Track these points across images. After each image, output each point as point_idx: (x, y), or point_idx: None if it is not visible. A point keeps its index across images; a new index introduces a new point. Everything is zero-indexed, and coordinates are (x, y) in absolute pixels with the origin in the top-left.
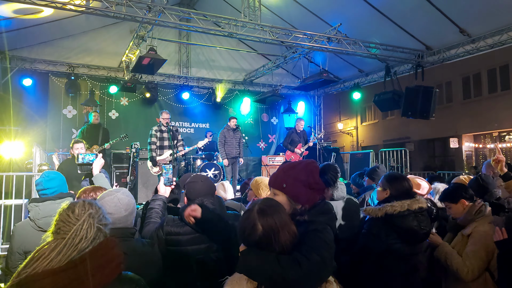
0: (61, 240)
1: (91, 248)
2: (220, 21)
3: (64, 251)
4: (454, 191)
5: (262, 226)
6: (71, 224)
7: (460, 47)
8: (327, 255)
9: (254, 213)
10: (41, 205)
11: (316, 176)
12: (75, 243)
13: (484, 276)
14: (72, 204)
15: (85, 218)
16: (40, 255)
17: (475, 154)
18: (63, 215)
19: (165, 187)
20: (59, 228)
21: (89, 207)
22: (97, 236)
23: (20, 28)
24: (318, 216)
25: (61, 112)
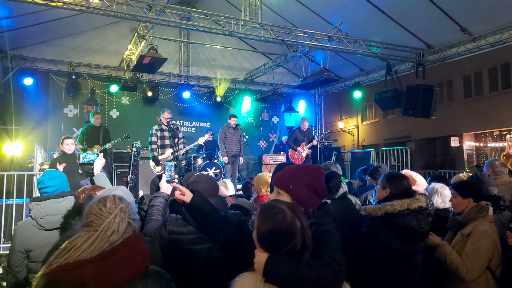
0: (94, 232)
1: (121, 241)
2: (220, 20)
3: (96, 243)
4: (469, 186)
5: (301, 224)
6: (103, 217)
7: (461, 45)
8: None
9: (290, 212)
10: (43, 203)
11: (322, 182)
12: (107, 235)
13: (485, 275)
14: (103, 199)
15: (117, 212)
16: (72, 246)
17: (476, 153)
18: (95, 209)
19: (167, 184)
20: (91, 221)
21: (119, 201)
22: (127, 230)
23: (21, 27)
24: (323, 218)
25: (62, 111)
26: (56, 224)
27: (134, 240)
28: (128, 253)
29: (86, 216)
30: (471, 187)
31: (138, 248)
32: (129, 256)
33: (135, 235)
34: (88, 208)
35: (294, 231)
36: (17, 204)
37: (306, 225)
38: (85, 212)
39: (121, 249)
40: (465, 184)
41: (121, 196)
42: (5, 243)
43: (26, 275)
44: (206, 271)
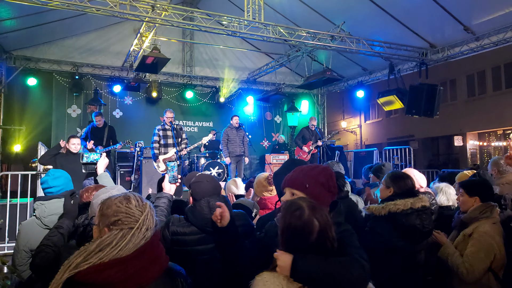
0: (129, 229)
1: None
2: (223, 20)
3: (133, 240)
4: (476, 186)
5: (319, 222)
6: (135, 215)
7: (464, 44)
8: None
9: (307, 211)
10: (47, 203)
11: (334, 180)
12: (143, 231)
13: (487, 276)
14: (125, 197)
15: (148, 209)
16: (106, 245)
17: (480, 152)
18: (122, 207)
19: (170, 185)
20: (119, 220)
21: (141, 199)
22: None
23: (25, 28)
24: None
25: (66, 111)
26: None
27: (158, 236)
28: (157, 249)
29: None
30: (479, 186)
31: (161, 245)
32: (159, 252)
33: (158, 231)
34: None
35: (311, 229)
36: (21, 203)
37: (326, 225)
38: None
39: (151, 246)
40: (472, 183)
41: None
42: (9, 242)
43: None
44: (210, 272)
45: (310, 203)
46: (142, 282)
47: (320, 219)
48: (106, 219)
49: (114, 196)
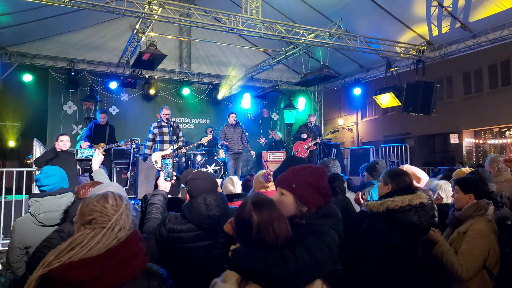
0: (100, 229)
1: (125, 238)
2: (220, 16)
3: (103, 240)
4: (470, 182)
5: (257, 217)
6: (109, 214)
7: (461, 42)
8: (321, 257)
9: (249, 206)
10: (42, 200)
11: (325, 181)
12: (115, 232)
13: (482, 274)
14: (103, 196)
15: (123, 209)
16: (76, 244)
17: (476, 149)
18: (97, 206)
19: (165, 182)
20: (94, 219)
21: (120, 198)
22: (130, 227)
23: (20, 24)
24: (321, 219)
25: (61, 108)
26: (55, 221)
27: (135, 237)
28: (132, 249)
29: (87, 214)
30: (473, 183)
31: (139, 246)
32: (134, 253)
33: (136, 232)
34: (87, 206)
35: (249, 223)
36: (16, 200)
37: (267, 221)
38: (83, 210)
39: (126, 246)
40: (467, 180)
41: (120, 194)
42: (4, 239)
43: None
44: (207, 269)
45: (258, 200)
46: (112, 282)
47: (259, 215)
48: (83, 217)
49: (94, 195)
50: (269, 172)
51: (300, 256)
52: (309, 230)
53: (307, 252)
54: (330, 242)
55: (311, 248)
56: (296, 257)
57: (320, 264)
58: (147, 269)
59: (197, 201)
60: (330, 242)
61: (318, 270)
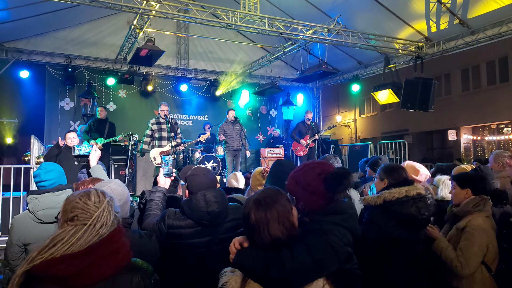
0: (82, 226)
1: (107, 234)
2: (218, 12)
3: (85, 236)
4: (467, 178)
5: (254, 216)
6: (90, 211)
7: (459, 38)
8: (322, 256)
9: (250, 203)
10: (40, 197)
11: (308, 177)
12: (97, 228)
13: (480, 269)
14: (85, 193)
15: (105, 206)
16: (58, 241)
17: (473, 146)
18: (79, 203)
19: (165, 179)
20: (76, 216)
21: (103, 195)
22: (113, 223)
23: (17, 20)
24: (327, 216)
25: (59, 104)
26: (54, 218)
27: (118, 232)
28: (114, 245)
29: (69, 211)
30: (470, 178)
31: (122, 241)
32: (116, 249)
33: (119, 228)
34: (69, 203)
35: (248, 220)
36: (14, 197)
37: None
38: (66, 207)
39: (108, 242)
40: (464, 175)
41: (102, 190)
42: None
43: None
44: (206, 265)
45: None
46: (92, 278)
47: (256, 214)
48: (65, 214)
49: (77, 192)
50: (266, 169)
51: (298, 256)
52: (312, 228)
53: (306, 252)
54: (334, 240)
55: (311, 247)
56: (293, 258)
57: (320, 264)
58: (131, 264)
59: (196, 197)
60: (334, 241)
61: (318, 270)
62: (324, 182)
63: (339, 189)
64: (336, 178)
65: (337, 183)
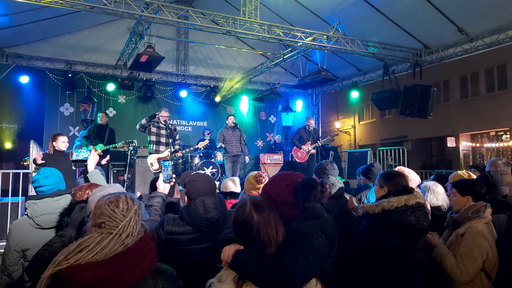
0: (108, 234)
1: (133, 243)
2: (218, 19)
3: (110, 245)
4: (468, 185)
5: (258, 218)
6: (117, 220)
7: (458, 46)
8: (312, 258)
9: (249, 206)
10: (39, 202)
11: (277, 188)
12: (122, 238)
13: (480, 276)
14: (115, 199)
15: (132, 215)
16: (84, 247)
17: (472, 153)
18: (107, 210)
19: (164, 184)
20: (103, 223)
21: (131, 203)
22: (140, 232)
23: (17, 25)
24: (305, 221)
25: (58, 110)
26: (53, 223)
27: (145, 239)
28: (140, 253)
29: (97, 217)
30: (470, 186)
31: (149, 247)
32: (141, 256)
33: (146, 235)
34: (99, 209)
35: (251, 224)
36: (13, 202)
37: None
38: (95, 212)
39: (134, 250)
40: (464, 182)
41: (132, 196)
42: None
43: (22, 274)
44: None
45: (258, 201)
46: (118, 284)
47: (260, 216)
48: (94, 219)
49: (106, 196)
50: (261, 173)
51: (297, 260)
52: (295, 233)
53: (302, 256)
54: (317, 244)
55: (304, 251)
56: (293, 261)
57: (313, 266)
58: (156, 269)
59: (195, 203)
60: (317, 244)
61: (312, 271)
62: (293, 192)
63: (308, 198)
64: (305, 188)
65: (306, 193)
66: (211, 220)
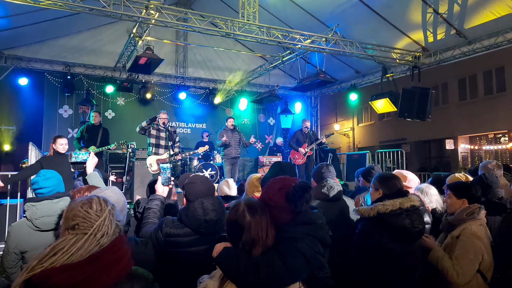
0: (82, 235)
1: (108, 244)
2: (217, 21)
3: (85, 246)
4: (463, 188)
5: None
6: (91, 220)
7: (456, 48)
8: (295, 264)
9: (243, 207)
10: (38, 204)
11: (270, 192)
12: (97, 238)
13: (476, 278)
14: (87, 201)
15: (106, 215)
16: (58, 249)
17: (471, 155)
18: (81, 212)
19: (163, 187)
20: (77, 224)
21: (105, 203)
22: (114, 232)
23: (17, 27)
24: (297, 226)
25: (57, 112)
26: (52, 225)
27: (120, 241)
28: (115, 255)
29: (70, 219)
30: (466, 188)
31: (124, 250)
32: (117, 258)
33: (120, 237)
34: (70, 211)
35: (242, 224)
36: (11, 204)
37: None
38: (67, 215)
39: (109, 251)
40: (460, 185)
41: (105, 198)
42: None
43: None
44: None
45: (252, 203)
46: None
47: (253, 218)
48: (67, 222)
49: (79, 199)
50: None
51: (273, 263)
52: (284, 237)
53: (280, 259)
54: (305, 249)
55: (284, 254)
56: (268, 265)
57: (293, 271)
58: (131, 273)
59: (194, 205)
60: (305, 249)
61: (292, 276)
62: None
63: (300, 202)
64: (297, 192)
65: (298, 197)
66: (209, 222)
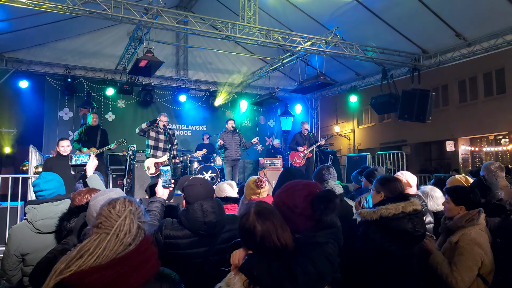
0: (105, 235)
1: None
2: (217, 24)
3: (110, 246)
4: (462, 193)
5: (261, 227)
6: (112, 219)
7: (456, 50)
8: (324, 268)
9: (252, 215)
10: (39, 207)
11: (296, 199)
12: (120, 238)
13: (476, 282)
14: (113, 200)
15: (127, 214)
16: (85, 251)
17: (471, 157)
18: (104, 211)
19: (163, 189)
20: (100, 223)
21: (129, 204)
22: (139, 233)
23: (17, 30)
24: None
25: (58, 114)
26: (53, 228)
27: (146, 242)
28: (144, 255)
29: (96, 217)
30: (465, 195)
31: (151, 250)
32: (145, 259)
33: (146, 237)
34: (99, 210)
35: (253, 232)
36: (12, 207)
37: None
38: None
39: (136, 252)
40: (459, 191)
41: (131, 199)
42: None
43: (21, 279)
44: (203, 275)
45: (260, 209)
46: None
47: (263, 225)
48: (94, 219)
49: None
50: (261, 178)
51: (307, 269)
52: (308, 241)
53: (312, 265)
54: (330, 253)
55: (315, 261)
56: (303, 271)
57: (323, 276)
58: (159, 273)
59: (193, 207)
60: (330, 254)
61: (323, 281)
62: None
63: (326, 212)
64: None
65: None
66: (209, 224)
